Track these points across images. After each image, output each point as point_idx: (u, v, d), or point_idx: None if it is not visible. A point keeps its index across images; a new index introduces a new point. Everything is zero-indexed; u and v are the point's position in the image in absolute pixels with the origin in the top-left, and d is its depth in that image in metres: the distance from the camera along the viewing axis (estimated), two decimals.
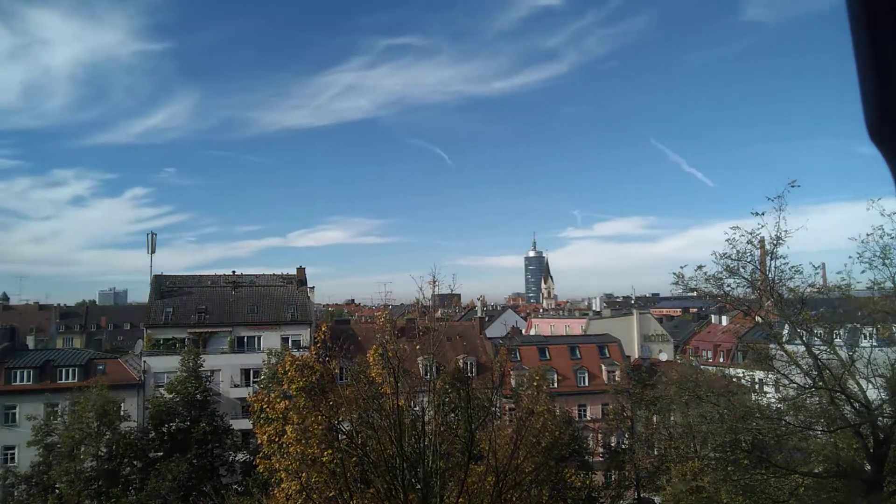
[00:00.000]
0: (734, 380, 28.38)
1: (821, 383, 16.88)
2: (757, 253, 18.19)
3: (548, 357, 55.33)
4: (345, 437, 15.27)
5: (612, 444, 43.77)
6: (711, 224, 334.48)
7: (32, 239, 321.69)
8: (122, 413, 36.12)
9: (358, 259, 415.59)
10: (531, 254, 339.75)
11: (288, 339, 51.36)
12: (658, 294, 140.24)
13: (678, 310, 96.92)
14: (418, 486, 14.37)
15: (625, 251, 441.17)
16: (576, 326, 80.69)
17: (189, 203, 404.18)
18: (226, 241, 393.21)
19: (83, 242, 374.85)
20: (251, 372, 48.85)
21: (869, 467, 16.62)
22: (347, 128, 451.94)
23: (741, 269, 18.39)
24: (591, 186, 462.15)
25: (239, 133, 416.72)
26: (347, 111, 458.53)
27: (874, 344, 19.58)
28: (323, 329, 17.85)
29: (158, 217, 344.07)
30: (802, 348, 17.85)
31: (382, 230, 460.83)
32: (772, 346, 19.84)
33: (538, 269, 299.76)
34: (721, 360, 58.80)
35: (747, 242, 17.86)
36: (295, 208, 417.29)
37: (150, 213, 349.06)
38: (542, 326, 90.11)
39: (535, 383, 17.28)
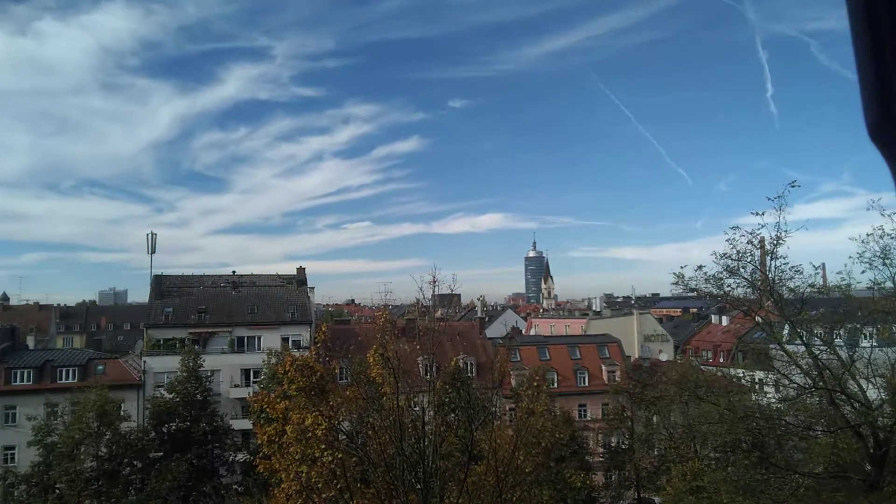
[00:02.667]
0: (734, 380, 28.36)
1: (821, 383, 16.89)
2: (757, 253, 18.21)
3: (548, 357, 55.34)
4: (345, 437, 15.27)
5: (612, 444, 43.76)
6: None
7: None
8: (122, 413, 36.07)
9: None
10: (531, 254, 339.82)
11: (288, 339, 51.36)
12: (658, 294, 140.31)
13: (678, 310, 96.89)
14: (418, 486, 14.37)
15: None
16: (576, 326, 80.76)
17: None
18: None
19: None
20: (251, 372, 48.83)
21: (869, 467, 16.62)
22: None
23: (741, 269, 18.42)
24: None
25: None
26: None
27: (874, 344, 19.58)
28: (323, 329, 17.85)
29: None
30: (802, 348, 17.85)
31: None
32: (772, 346, 19.85)
33: (538, 269, 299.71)
34: (721, 360, 58.80)
35: (747, 242, 17.88)
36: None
37: None
38: (542, 326, 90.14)
39: (535, 383, 17.25)
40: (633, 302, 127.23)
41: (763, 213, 16.87)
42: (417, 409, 16.19)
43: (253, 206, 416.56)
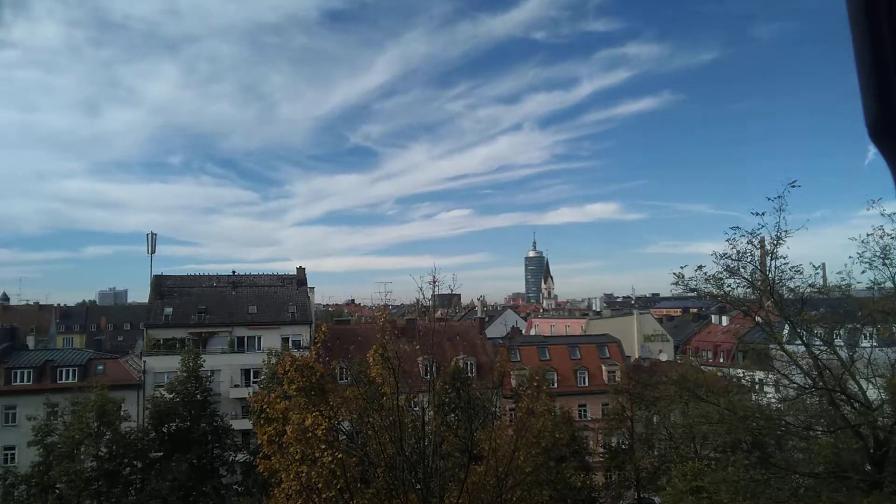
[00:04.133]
0: (734, 380, 28.36)
1: (821, 383, 16.89)
2: (757, 253, 18.20)
3: (548, 357, 55.35)
4: (345, 437, 15.27)
5: (612, 444, 43.75)
6: None
7: None
8: (122, 413, 36.06)
9: None
10: (531, 254, 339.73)
11: (288, 339, 51.36)
12: (658, 294, 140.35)
13: (678, 310, 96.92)
14: (418, 486, 14.37)
15: None
16: (576, 326, 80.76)
17: None
18: None
19: None
20: (251, 372, 48.82)
21: (869, 467, 16.62)
22: None
23: (741, 269, 18.41)
24: None
25: None
26: None
27: (874, 344, 19.58)
28: (323, 329, 17.86)
29: None
30: (802, 348, 17.85)
31: None
32: (772, 346, 19.83)
33: (538, 269, 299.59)
34: (721, 360, 58.80)
35: (747, 242, 17.88)
36: None
37: None
38: (542, 326, 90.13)
39: (535, 383, 17.26)
40: (633, 302, 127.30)
41: (763, 214, 16.89)
42: (417, 409, 16.20)
43: (376, 190, 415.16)
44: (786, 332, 19.57)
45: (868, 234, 16.49)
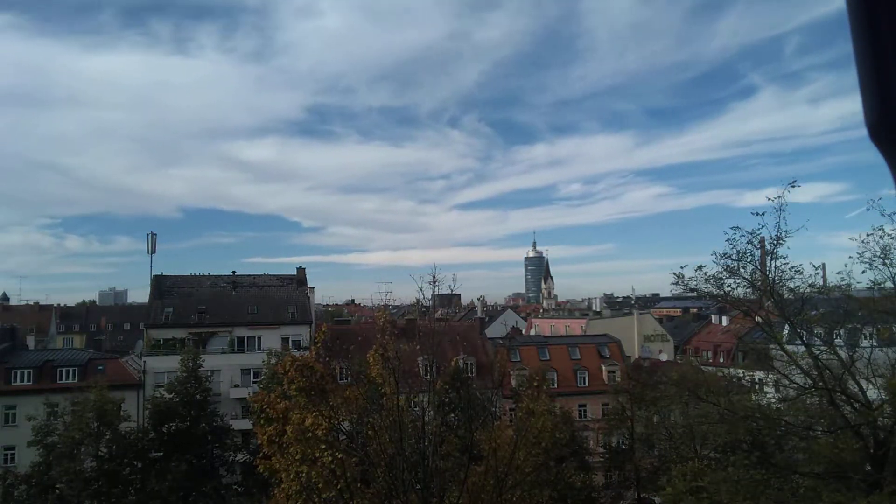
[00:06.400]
0: (734, 380, 28.36)
1: (821, 383, 16.88)
2: (757, 253, 18.20)
3: (548, 357, 55.33)
4: (345, 437, 15.27)
5: (612, 444, 43.74)
6: None
7: None
8: (122, 413, 36.02)
9: None
10: (531, 254, 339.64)
11: (288, 339, 51.36)
12: (658, 294, 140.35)
13: (678, 310, 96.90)
14: (418, 486, 14.37)
15: None
16: (576, 326, 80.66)
17: None
18: None
19: None
20: (251, 372, 48.81)
21: (869, 467, 16.61)
22: None
23: (741, 270, 18.40)
24: None
25: None
26: None
27: (874, 344, 19.57)
28: (323, 329, 17.85)
29: None
30: (802, 348, 17.84)
31: None
32: (772, 346, 19.82)
33: (538, 269, 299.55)
34: (721, 360, 58.78)
35: (747, 242, 17.87)
36: None
37: None
38: (542, 326, 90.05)
39: (535, 383, 17.26)
40: (633, 302, 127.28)
41: (763, 214, 16.89)
42: (417, 409, 16.19)
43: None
44: (786, 332, 19.56)
45: (868, 234, 16.50)
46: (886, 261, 16.45)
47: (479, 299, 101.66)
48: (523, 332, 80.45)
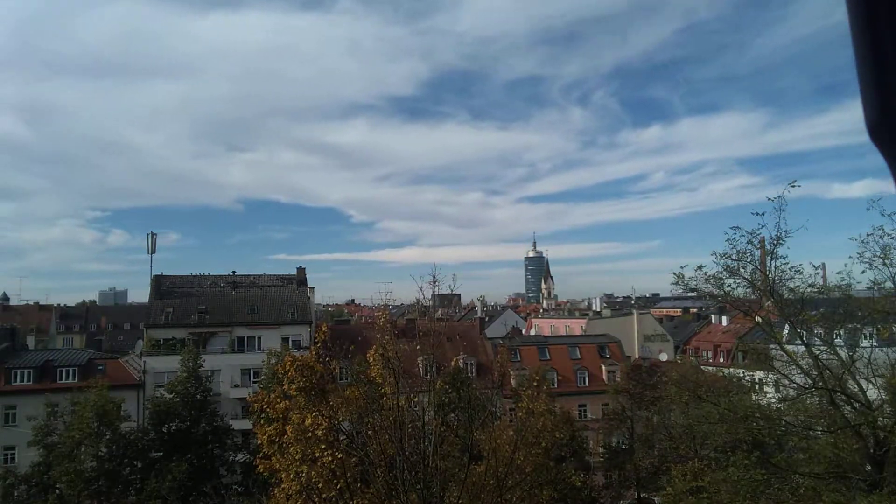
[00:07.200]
0: (734, 380, 28.36)
1: (821, 383, 16.87)
2: (757, 253, 18.19)
3: (548, 357, 55.35)
4: (345, 437, 15.26)
5: (612, 444, 43.75)
6: None
7: None
8: (122, 413, 36.04)
9: None
10: (531, 254, 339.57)
11: (288, 339, 51.37)
12: (658, 294, 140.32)
13: (678, 310, 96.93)
14: (418, 486, 14.36)
15: None
16: (576, 326, 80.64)
17: None
18: None
19: None
20: (251, 372, 48.83)
21: (869, 467, 16.61)
22: None
23: (741, 269, 18.38)
24: None
25: None
26: None
27: (874, 344, 19.56)
28: (323, 329, 17.84)
29: None
30: (802, 348, 17.83)
31: None
32: (772, 346, 19.83)
33: (538, 269, 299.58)
34: (721, 360, 58.79)
35: (747, 242, 17.86)
36: None
37: None
38: (542, 326, 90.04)
39: (535, 383, 17.25)
40: (633, 302, 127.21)
41: (763, 214, 16.88)
42: (417, 409, 16.19)
43: None
44: (786, 332, 19.56)
45: (868, 234, 16.49)
46: (886, 261, 16.45)
47: (479, 299, 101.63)
48: (523, 332, 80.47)
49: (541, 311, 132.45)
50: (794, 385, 18.08)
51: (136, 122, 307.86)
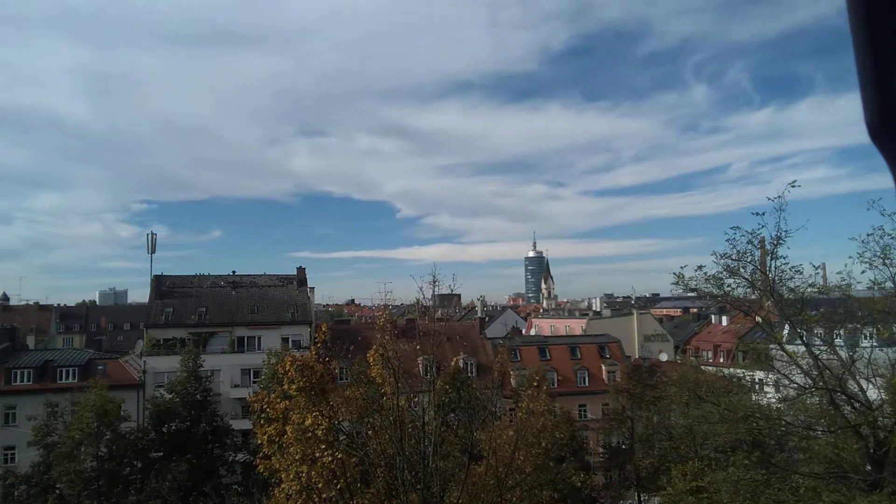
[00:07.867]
0: (734, 380, 28.37)
1: (821, 383, 16.87)
2: (757, 253, 18.19)
3: (548, 357, 55.32)
4: (345, 437, 15.26)
5: (612, 444, 43.75)
6: None
7: None
8: (122, 413, 36.03)
9: None
10: (531, 254, 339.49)
11: (288, 339, 51.36)
12: (658, 294, 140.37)
13: (678, 310, 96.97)
14: (418, 486, 14.36)
15: None
16: (576, 326, 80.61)
17: None
18: None
19: None
20: (251, 372, 48.81)
21: (869, 467, 16.61)
22: None
23: (741, 270, 18.38)
24: None
25: None
26: None
27: (874, 344, 19.56)
28: (323, 329, 17.84)
29: None
30: (802, 348, 17.84)
31: None
32: (772, 346, 19.83)
33: (538, 269, 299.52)
34: (721, 360, 58.78)
35: (747, 242, 17.87)
36: None
37: None
38: (542, 326, 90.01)
39: (535, 383, 17.25)
40: (633, 302, 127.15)
41: (763, 214, 16.89)
42: (417, 409, 16.19)
43: None
44: (786, 332, 19.56)
45: (868, 234, 16.50)
46: (886, 261, 16.45)
47: (478, 299, 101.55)
48: (523, 332, 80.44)
49: (541, 311, 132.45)
50: (795, 385, 18.09)
51: (212, 100, 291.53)
